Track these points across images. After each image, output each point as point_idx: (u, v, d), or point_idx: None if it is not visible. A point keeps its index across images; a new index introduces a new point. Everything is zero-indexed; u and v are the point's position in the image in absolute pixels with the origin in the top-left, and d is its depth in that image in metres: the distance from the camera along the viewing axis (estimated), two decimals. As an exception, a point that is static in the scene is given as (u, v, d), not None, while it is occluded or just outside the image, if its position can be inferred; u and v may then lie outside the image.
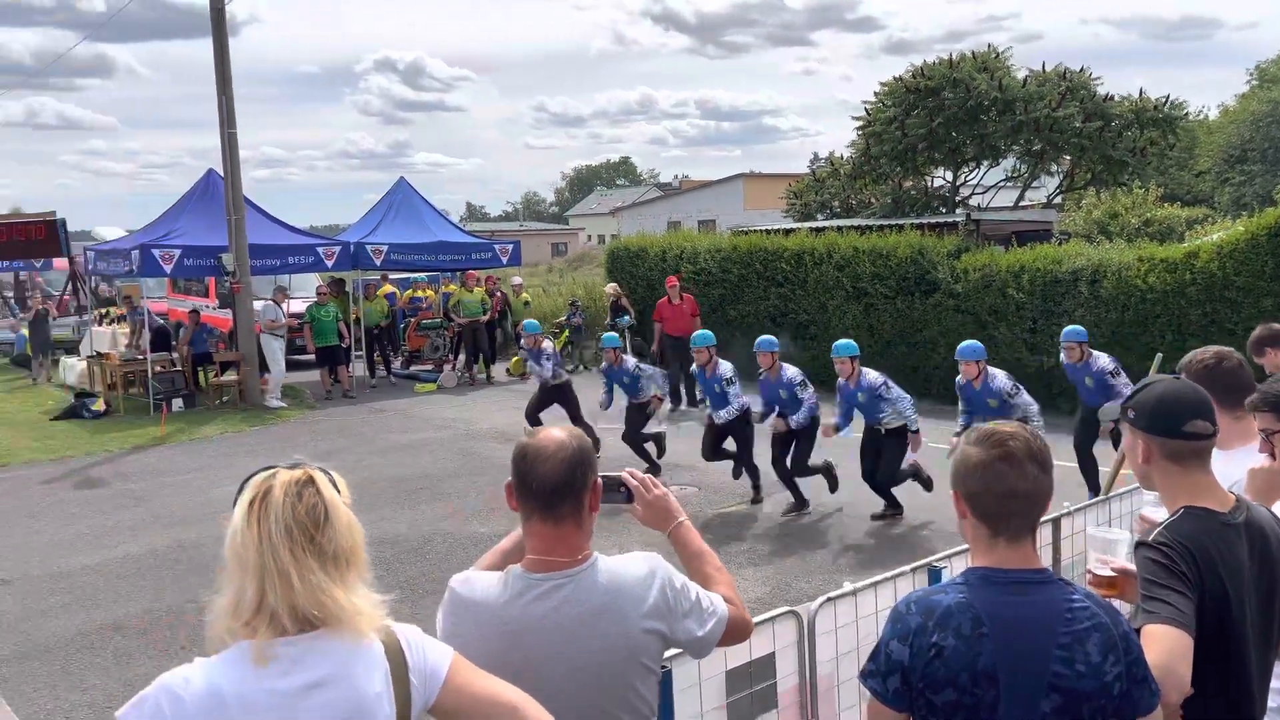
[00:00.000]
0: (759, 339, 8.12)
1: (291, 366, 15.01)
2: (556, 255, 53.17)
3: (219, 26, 13.47)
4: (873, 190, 21.76)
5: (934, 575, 3.29)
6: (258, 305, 14.21)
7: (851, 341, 7.69)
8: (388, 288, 17.82)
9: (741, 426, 8.19)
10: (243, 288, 13.89)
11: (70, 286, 21.44)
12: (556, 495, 1.92)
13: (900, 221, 16.36)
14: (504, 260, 16.94)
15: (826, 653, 3.13)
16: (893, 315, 13.04)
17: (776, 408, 7.96)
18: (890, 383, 7.47)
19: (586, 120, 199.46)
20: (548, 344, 10.07)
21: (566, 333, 16.91)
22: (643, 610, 1.94)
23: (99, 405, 13.65)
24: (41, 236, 19.92)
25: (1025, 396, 7.27)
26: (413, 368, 17.53)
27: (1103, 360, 7.46)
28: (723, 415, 8.13)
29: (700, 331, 8.77)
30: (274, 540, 1.54)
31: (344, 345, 14.62)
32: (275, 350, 13.98)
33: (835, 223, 18.11)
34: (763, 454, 8.16)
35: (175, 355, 14.85)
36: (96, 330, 16.46)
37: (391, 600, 1.66)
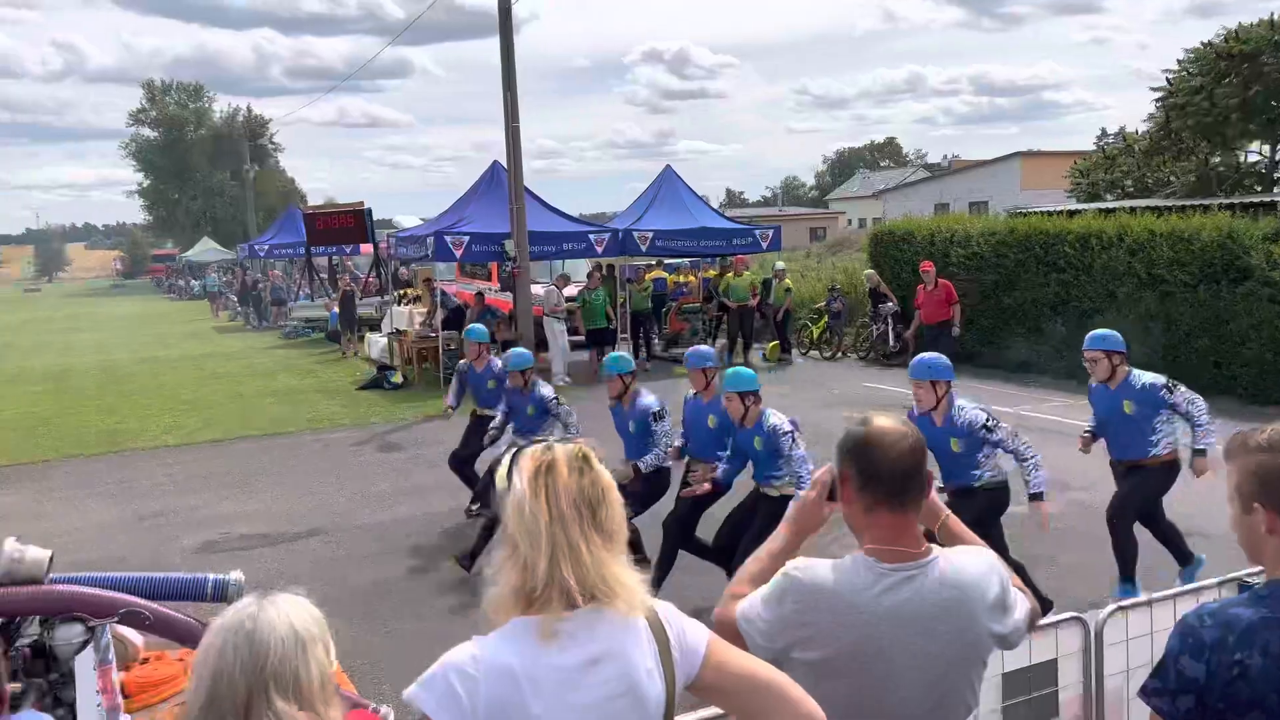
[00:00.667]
0: (689, 352, 6.52)
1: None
2: (815, 240, 52.46)
3: (505, 26, 14.39)
4: (1173, 167, 19.80)
5: (1244, 591, 2.99)
6: (538, 290, 15.13)
7: (747, 371, 5.69)
8: (658, 272, 18.39)
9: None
10: (522, 272, 14.82)
11: (374, 270, 23.76)
12: (908, 481, 1.90)
13: (1206, 201, 14.77)
14: (764, 245, 16.97)
15: (1115, 665, 2.94)
16: (1193, 305, 11.82)
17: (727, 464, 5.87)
18: (797, 435, 5.47)
19: (850, 101, 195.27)
20: (547, 388, 7.39)
21: (825, 319, 16.71)
22: (987, 605, 1.92)
23: (397, 378, 15.09)
24: (351, 224, 22.22)
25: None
26: (672, 351, 17.99)
27: (1147, 378, 5.48)
28: (649, 461, 6.24)
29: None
30: (564, 514, 1.54)
31: (610, 328, 15.28)
32: (556, 332, 14.83)
33: (1128, 203, 16.65)
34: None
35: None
36: (396, 310, 18.13)
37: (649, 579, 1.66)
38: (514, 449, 1.65)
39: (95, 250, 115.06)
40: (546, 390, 7.19)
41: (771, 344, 16.56)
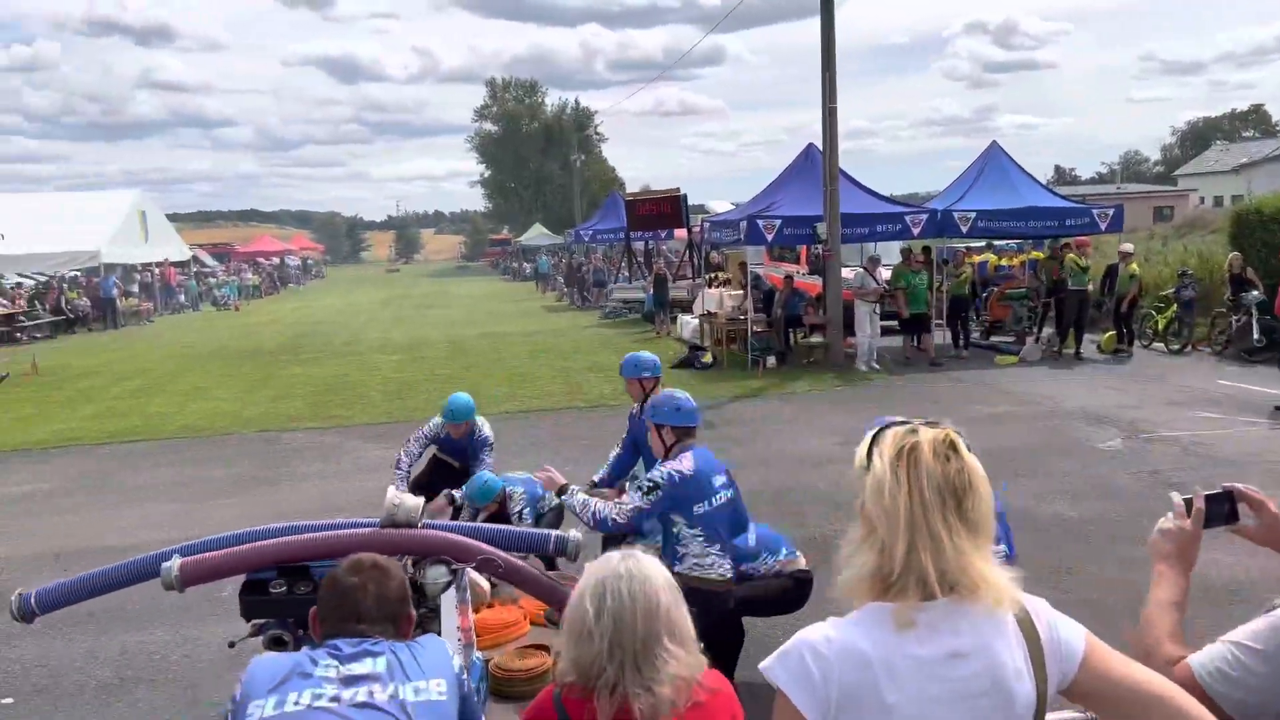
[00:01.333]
0: (625, 359, 5.64)
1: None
2: (1159, 220, 47.35)
3: (827, 6, 14.23)
4: None
5: None
6: (848, 273, 14.91)
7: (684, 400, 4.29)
8: (978, 256, 17.49)
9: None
10: (833, 256, 14.66)
11: (687, 254, 24.52)
12: None
13: None
14: (1102, 226, 15.56)
15: None
16: None
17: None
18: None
19: (1206, 66, 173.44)
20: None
21: (1174, 308, 15.07)
22: None
23: (708, 358, 15.51)
24: (668, 210, 23.05)
25: None
26: (992, 338, 17.03)
27: None
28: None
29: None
30: (926, 500, 1.48)
31: (927, 313, 14.76)
32: (864, 316, 14.55)
33: None
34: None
35: (771, 317, 16.24)
36: (707, 292, 18.61)
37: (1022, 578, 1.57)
38: (876, 427, 1.59)
39: (443, 235, 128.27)
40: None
41: (1107, 334, 15.20)
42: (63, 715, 4.85)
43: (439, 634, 3.89)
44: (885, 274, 15.28)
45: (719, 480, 4.14)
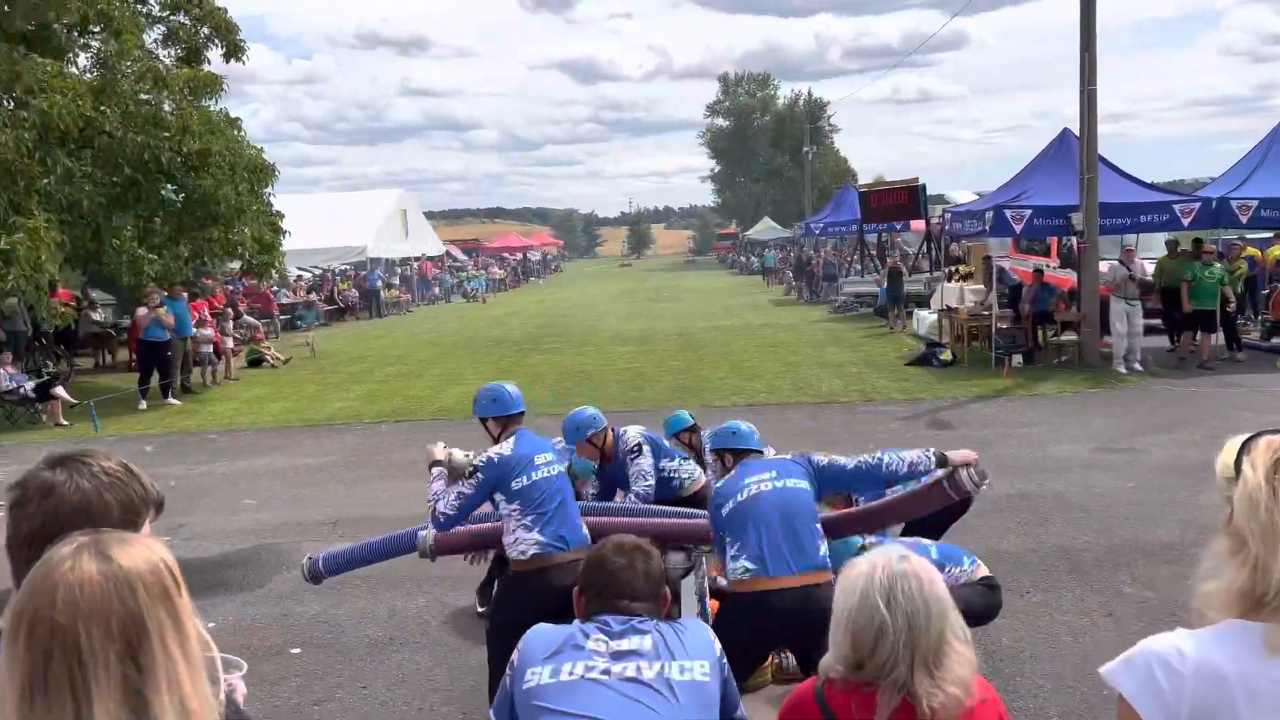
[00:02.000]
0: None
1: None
2: None
3: (1087, -18, 13.31)
4: None
5: None
6: (1104, 267, 13.90)
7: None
8: (1250, 250, 15.83)
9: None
10: (1089, 248, 13.70)
11: (924, 246, 23.68)
12: None
13: None
14: None
15: None
16: None
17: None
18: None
19: None
20: (644, 461, 5.23)
21: None
22: None
23: (946, 355, 14.93)
24: (904, 201, 22.37)
25: None
26: (1274, 340, 15.33)
27: None
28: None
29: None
30: None
31: (1211, 309, 13.48)
32: (1121, 313, 13.50)
33: None
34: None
35: (1018, 312, 15.40)
36: (946, 286, 17.92)
37: None
38: (1248, 436, 1.49)
39: (672, 230, 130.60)
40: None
41: None
42: (342, 667, 5.39)
43: (678, 617, 4.02)
44: (1147, 267, 14.08)
45: (542, 458, 4.17)
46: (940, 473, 3.97)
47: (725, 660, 2.27)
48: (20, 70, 12.62)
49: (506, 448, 4.14)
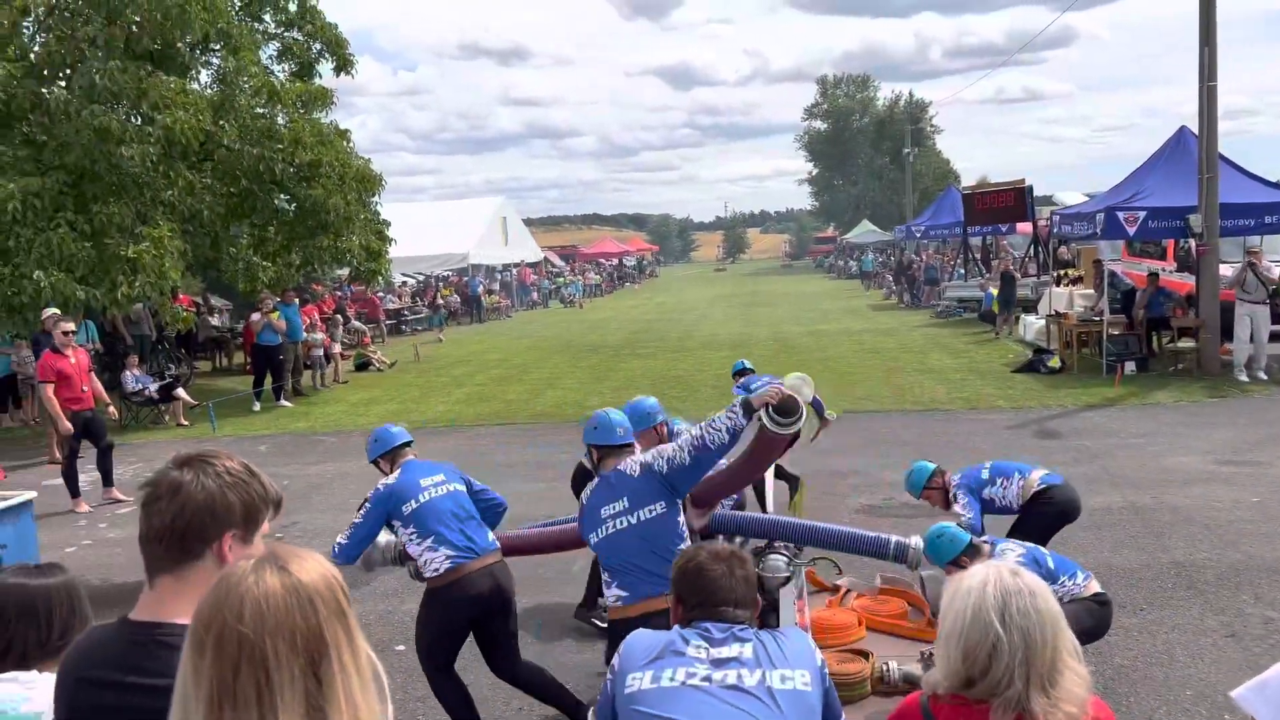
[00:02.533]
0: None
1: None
2: None
3: (1208, -27, 12.74)
4: None
5: None
6: (1226, 270, 13.26)
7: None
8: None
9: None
10: (1209, 250, 13.09)
11: (1031, 249, 22.97)
12: None
13: None
14: None
15: None
16: None
17: None
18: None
19: None
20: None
21: None
22: None
23: (1054, 362, 14.44)
24: (1010, 203, 21.76)
25: None
26: None
27: None
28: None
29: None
30: None
31: None
32: (1245, 317, 12.85)
33: None
34: None
35: (1130, 318, 14.81)
36: (1055, 290, 17.34)
37: None
38: None
39: (768, 234, 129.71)
40: None
41: None
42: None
43: (777, 626, 4.00)
44: (1276, 270, 13.35)
45: (429, 479, 4.47)
46: (750, 425, 3.82)
47: (826, 670, 2.25)
48: (147, 88, 13.33)
49: (393, 478, 4.50)
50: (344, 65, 17.64)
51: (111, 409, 10.40)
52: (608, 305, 39.95)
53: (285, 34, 17.45)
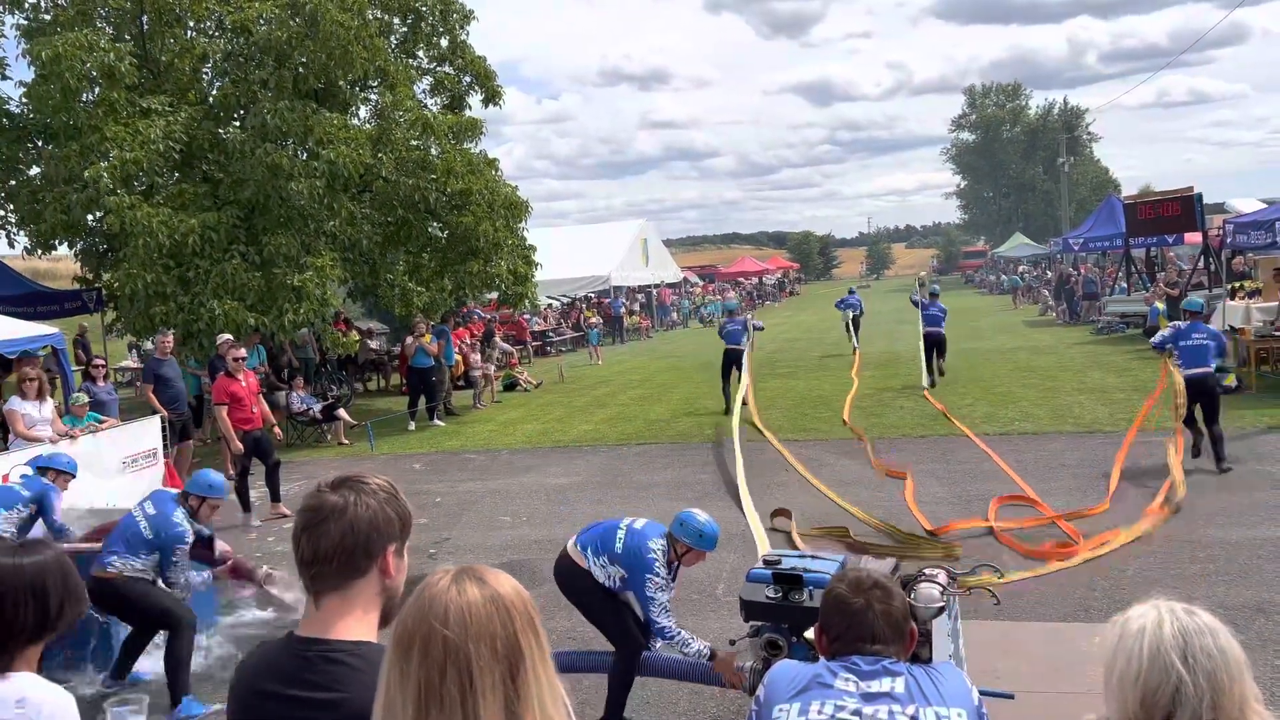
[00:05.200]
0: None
1: None
2: None
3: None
4: None
5: None
6: None
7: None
8: None
9: None
10: None
11: (1202, 260, 21.55)
12: None
13: None
14: None
15: None
16: None
17: None
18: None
19: None
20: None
21: None
22: None
23: (1231, 380, 13.43)
24: (1177, 212, 20.52)
25: None
26: None
27: None
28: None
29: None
30: None
31: None
32: None
33: None
34: None
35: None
36: (1229, 304, 16.20)
37: None
38: None
39: (914, 250, 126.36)
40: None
41: None
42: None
43: (930, 659, 3.85)
44: None
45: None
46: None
47: (984, 710, 2.15)
48: (312, 124, 14.18)
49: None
50: (492, 96, 18.29)
51: (277, 429, 11.03)
52: (748, 324, 39.73)
53: (437, 69, 18.25)
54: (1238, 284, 18.43)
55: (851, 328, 23.10)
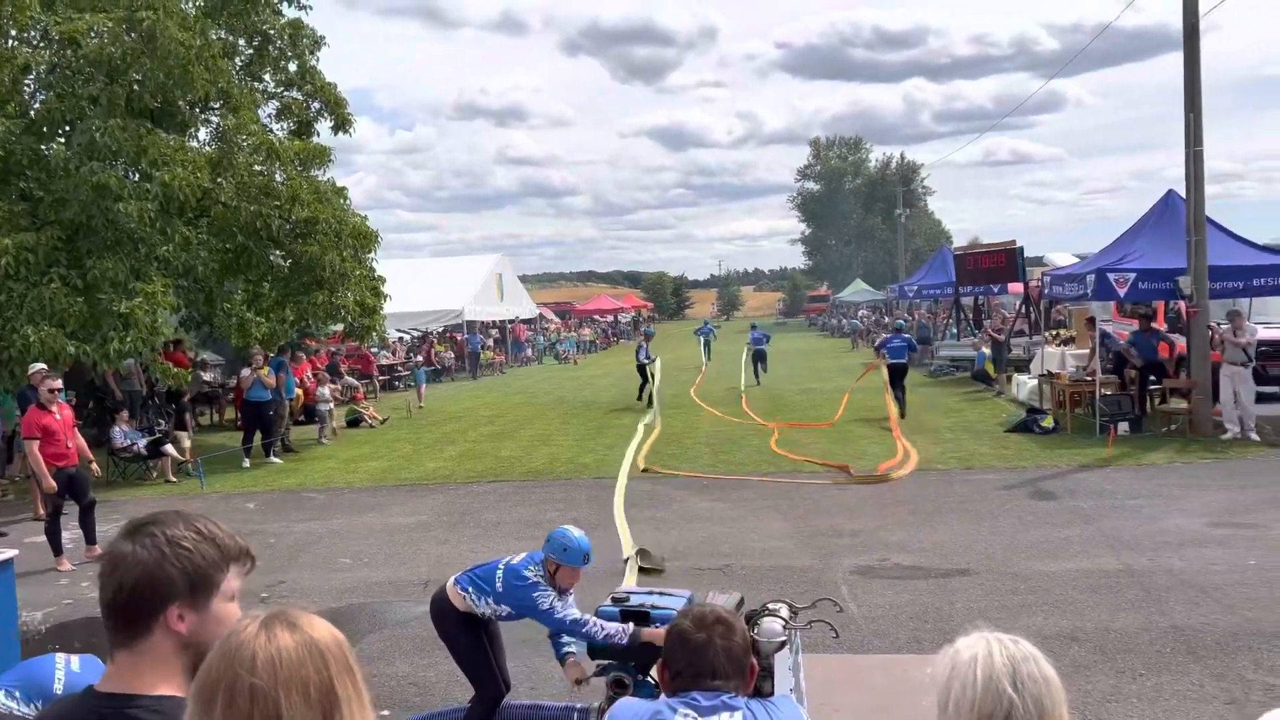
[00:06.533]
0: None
1: (1262, 400, 13.71)
2: None
3: (1191, 45, 13.01)
4: None
5: None
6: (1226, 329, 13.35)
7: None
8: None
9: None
10: (1199, 312, 13.17)
11: (1023, 309, 23.10)
12: None
13: None
14: None
15: None
16: None
17: None
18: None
19: None
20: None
21: None
22: None
23: (1048, 421, 14.43)
24: (1001, 264, 21.93)
25: None
26: None
27: None
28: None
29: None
30: None
31: None
32: (1228, 380, 12.89)
33: None
34: None
35: (1123, 377, 14.83)
36: (1048, 350, 17.41)
37: None
38: None
39: (761, 293, 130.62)
40: None
41: None
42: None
43: (771, 693, 3.91)
44: (1262, 333, 13.44)
45: None
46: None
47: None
48: (146, 145, 13.45)
49: None
50: (342, 124, 17.86)
51: (95, 466, 10.28)
52: (602, 361, 39.96)
53: (285, 93, 17.68)
54: (1055, 332, 19.85)
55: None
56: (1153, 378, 14.50)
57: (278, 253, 15.89)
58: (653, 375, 20.13)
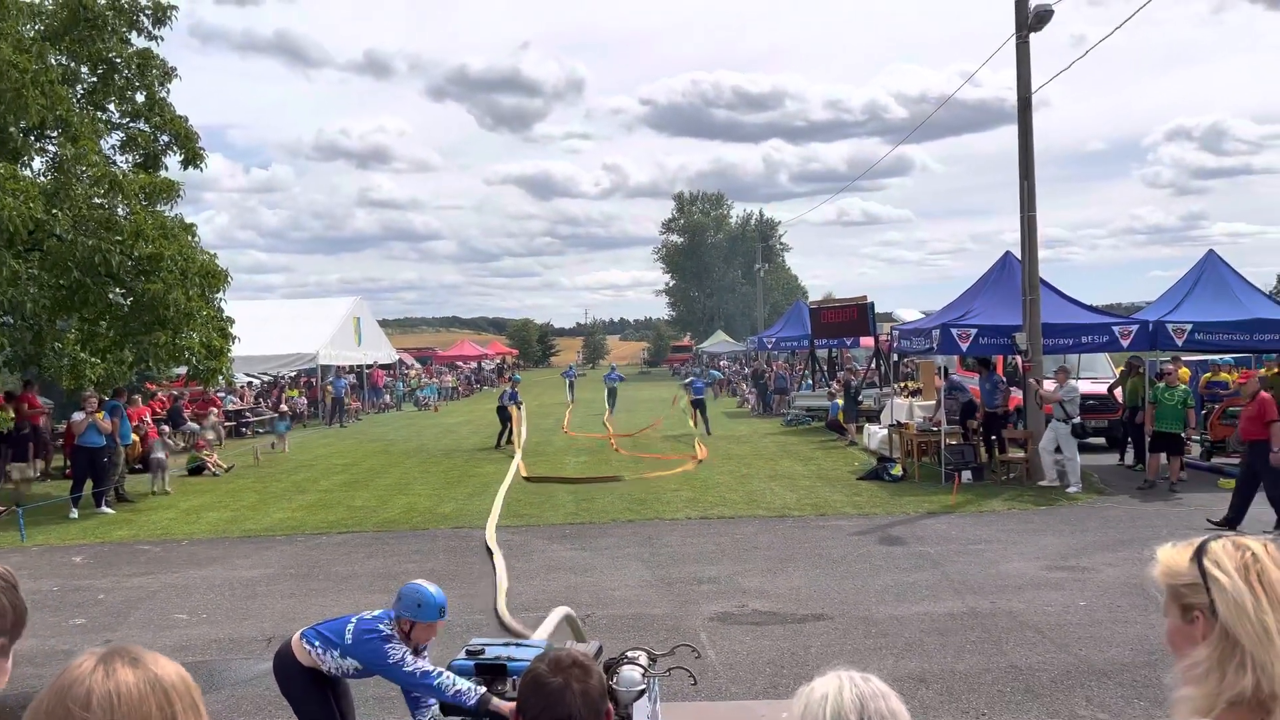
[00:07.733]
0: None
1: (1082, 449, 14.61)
2: None
3: (1024, 118, 14.01)
4: None
5: None
6: (1049, 385, 14.20)
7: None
8: (1186, 371, 16.35)
9: None
10: (1033, 366, 14.03)
11: (874, 362, 24.08)
12: None
13: None
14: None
15: None
16: None
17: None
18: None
19: None
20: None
21: None
22: None
23: (897, 470, 15.00)
24: (854, 318, 22.83)
25: None
26: (1214, 460, 15.71)
27: None
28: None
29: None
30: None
31: (1180, 435, 13.80)
32: (1053, 434, 13.74)
33: None
34: None
35: (965, 428, 15.59)
36: (896, 402, 18.15)
37: None
38: (1195, 541, 1.55)
39: (627, 341, 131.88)
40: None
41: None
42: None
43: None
44: (1087, 386, 14.41)
45: None
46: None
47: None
48: (-28, 171, 12.55)
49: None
50: (193, 158, 17.14)
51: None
52: (464, 408, 39.29)
53: (131, 124, 16.87)
54: (903, 384, 20.74)
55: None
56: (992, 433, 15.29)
57: (118, 290, 14.97)
58: (518, 416, 22.02)
